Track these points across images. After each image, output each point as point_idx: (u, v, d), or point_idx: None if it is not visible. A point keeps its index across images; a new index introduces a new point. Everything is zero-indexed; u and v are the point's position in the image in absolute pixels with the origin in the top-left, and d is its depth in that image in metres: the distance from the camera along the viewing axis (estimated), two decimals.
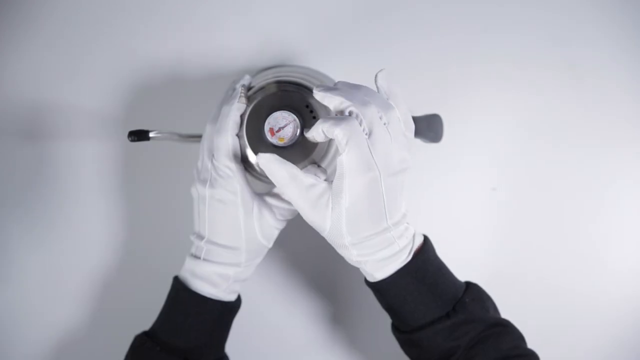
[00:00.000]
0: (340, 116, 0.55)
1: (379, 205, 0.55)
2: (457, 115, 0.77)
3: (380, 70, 0.59)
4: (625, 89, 0.78)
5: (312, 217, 0.56)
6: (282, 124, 0.59)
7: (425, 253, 0.59)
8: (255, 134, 0.60)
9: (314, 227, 0.57)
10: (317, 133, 0.55)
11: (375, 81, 0.59)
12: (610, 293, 0.78)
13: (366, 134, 0.54)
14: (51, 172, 0.77)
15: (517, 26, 0.77)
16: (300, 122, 0.59)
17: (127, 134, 0.62)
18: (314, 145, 0.60)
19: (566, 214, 0.79)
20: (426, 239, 0.61)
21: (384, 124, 0.55)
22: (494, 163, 0.79)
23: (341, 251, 0.58)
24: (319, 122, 0.55)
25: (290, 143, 0.59)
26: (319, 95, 0.56)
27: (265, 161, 0.56)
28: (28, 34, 0.77)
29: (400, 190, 0.57)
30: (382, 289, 0.59)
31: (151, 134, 0.62)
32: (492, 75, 0.78)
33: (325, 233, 0.57)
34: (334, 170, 0.55)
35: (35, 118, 0.77)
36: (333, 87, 0.57)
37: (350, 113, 0.55)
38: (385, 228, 0.56)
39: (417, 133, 0.67)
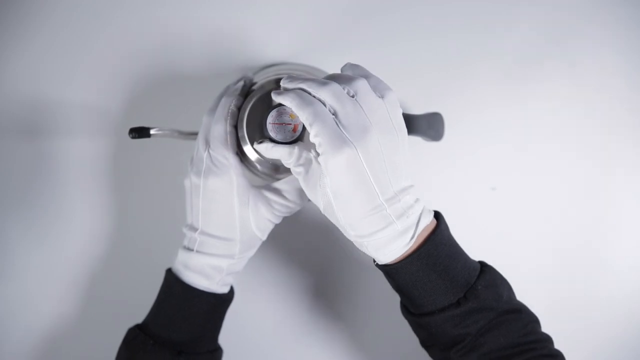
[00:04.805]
0: (306, 96, 0.53)
1: (365, 181, 0.52)
2: (458, 115, 0.77)
3: (344, 64, 0.58)
4: (625, 88, 0.78)
5: (309, 195, 0.56)
6: (282, 121, 0.59)
7: (437, 236, 0.56)
8: (255, 130, 0.60)
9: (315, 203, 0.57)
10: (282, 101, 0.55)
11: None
12: (610, 293, 0.78)
13: (333, 114, 0.53)
14: (51, 170, 0.77)
15: (517, 26, 0.78)
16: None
17: (127, 131, 0.62)
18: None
19: (566, 213, 0.79)
20: (439, 217, 0.57)
21: (352, 96, 0.53)
22: (494, 163, 0.79)
23: (341, 229, 0.56)
24: (281, 95, 0.54)
25: (290, 139, 0.59)
26: (282, 87, 0.56)
27: (263, 150, 0.57)
28: (28, 34, 0.77)
29: (390, 161, 0.53)
30: (391, 273, 0.57)
31: (152, 131, 0.63)
32: (492, 75, 0.78)
33: (322, 211, 0.56)
34: None
35: (35, 117, 0.77)
36: (296, 77, 0.56)
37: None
38: (377, 205, 0.53)
39: (418, 131, 0.67)
